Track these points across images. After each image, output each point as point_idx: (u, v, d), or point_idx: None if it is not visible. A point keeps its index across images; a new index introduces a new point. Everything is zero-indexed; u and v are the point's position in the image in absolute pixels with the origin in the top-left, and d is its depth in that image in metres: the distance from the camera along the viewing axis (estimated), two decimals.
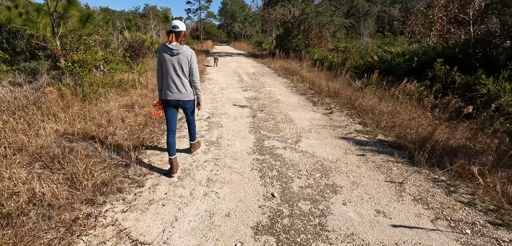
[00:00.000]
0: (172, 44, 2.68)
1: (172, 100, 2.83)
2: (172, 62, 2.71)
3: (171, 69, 2.74)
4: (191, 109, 3.07)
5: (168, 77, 2.77)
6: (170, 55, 2.70)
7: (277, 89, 7.99)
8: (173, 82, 2.77)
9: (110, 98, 5.64)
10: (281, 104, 6.15)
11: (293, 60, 15.33)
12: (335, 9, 17.41)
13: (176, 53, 2.69)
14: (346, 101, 6.39)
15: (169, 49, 2.68)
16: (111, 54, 9.44)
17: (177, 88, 2.79)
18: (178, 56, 2.71)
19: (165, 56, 2.71)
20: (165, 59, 2.71)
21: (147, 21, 19.47)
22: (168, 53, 2.70)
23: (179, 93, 2.81)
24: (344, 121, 5.05)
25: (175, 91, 2.80)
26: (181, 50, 2.70)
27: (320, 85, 8.08)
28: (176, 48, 2.68)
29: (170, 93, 2.80)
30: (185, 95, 2.85)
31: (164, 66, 2.75)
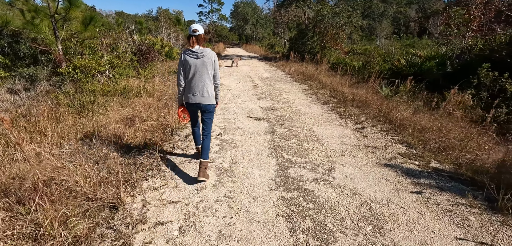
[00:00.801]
0: (195, 48, 2.67)
1: (194, 104, 2.80)
2: (197, 65, 2.69)
3: (196, 72, 2.70)
4: (211, 115, 2.94)
5: (193, 81, 2.73)
6: (195, 58, 2.67)
7: (295, 97, 7.16)
8: (197, 86, 2.73)
9: (110, 109, 4.98)
10: (303, 117, 5.32)
11: (308, 63, 14.46)
12: (352, 9, 16.41)
13: (201, 56, 2.67)
14: (376, 113, 5.49)
15: (194, 52, 2.67)
16: (118, 58, 8.91)
17: (200, 92, 2.75)
18: (203, 59, 2.68)
19: (190, 60, 2.68)
20: (190, 63, 2.68)
21: (158, 24, 19.06)
22: (192, 57, 2.68)
23: (201, 97, 2.76)
24: (381, 139, 4.17)
25: (198, 95, 2.75)
26: (205, 53, 2.68)
27: (343, 92, 7.20)
28: (200, 51, 2.67)
29: (192, 96, 2.77)
30: (207, 99, 2.79)
31: (188, 70, 2.71)
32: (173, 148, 3.68)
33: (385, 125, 4.86)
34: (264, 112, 5.61)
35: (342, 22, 15.74)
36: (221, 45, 37.06)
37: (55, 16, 6.22)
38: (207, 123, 2.93)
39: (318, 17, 16.07)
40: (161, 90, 6.94)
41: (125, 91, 6.28)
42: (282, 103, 6.37)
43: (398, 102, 6.00)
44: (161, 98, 6.06)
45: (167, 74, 9.34)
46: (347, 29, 16.52)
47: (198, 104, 2.79)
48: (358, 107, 6.07)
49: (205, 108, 2.84)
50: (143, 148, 3.52)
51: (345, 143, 4.00)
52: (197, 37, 2.69)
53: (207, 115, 2.90)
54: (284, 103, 6.42)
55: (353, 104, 6.29)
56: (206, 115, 2.90)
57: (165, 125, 4.36)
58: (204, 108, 2.83)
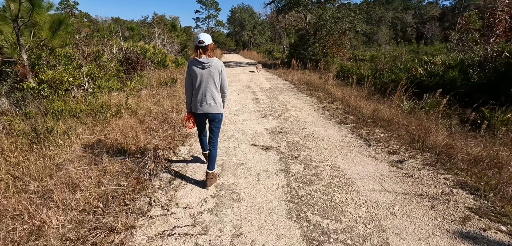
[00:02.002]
0: (202, 58, 2.57)
1: (202, 114, 2.74)
2: (203, 75, 2.61)
3: (202, 83, 2.63)
4: (219, 123, 2.88)
5: (200, 91, 2.66)
6: (201, 68, 2.60)
7: (305, 113, 6.07)
8: (204, 96, 2.66)
9: (75, 138, 3.84)
10: (320, 143, 4.22)
11: (311, 71, 13.45)
12: (355, 14, 15.48)
13: (207, 66, 2.59)
14: (407, 136, 4.44)
15: (200, 63, 2.58)
16: (102, 68, 7.76)
17: (208, 102, 2.68)
18: (209, 69, 2.60)
19: (196, 70, 2.61)
20: (196, 73, 2.61)
21: (151, 30, 17.95)
22: (199, 67, 2.60)
23: (208, 107, 2.70)
24: (432, 181, 3.08)
25: (205, 105, 2.69)
26: (212, 63, 2.60)
27: (359, 108, 6.14)
28: (207, 62, 2.58)
29: (200, 107, 2.70)
30: (214, 108, 2.73)
31: (194, 80, 2.65)
32: (149, 207, 2.55)
33: (426, 154, 3.79)
34: (272, 137, 4.50)
35: (345, 27, 14.80)
36: (218, 51, 36.02)
37: (18, 20, 5.08)
38: (215, 132, 2.89)
39: (319, 22, 15.10)
40: (147, 107, 5.80)
41: (102, 110, 5.14)
42: (291, 123, 5.27)
43: (430, 122, 4.94)
44: (145, 119, 4.92)
45: (157, 86, 8.21)
46: (349, 35, 15.57)
47: (206, 114, 2.74)
48: (383, 128, 5.00)
49: (213, 117, 2.79)
50: (103, 209, 2.39)
51: (388, 189, 2.90)
52: (204, 48, 2.58)
53: (215, 124, 2.86)
54: (293, 122, 5.32)
55: (375, 123, 5.22)
56: (214, 124, 2.86)
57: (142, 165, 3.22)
58: (213, 117, 2.78)
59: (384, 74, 9.16)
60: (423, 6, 47.84)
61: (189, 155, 3.71)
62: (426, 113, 5.75)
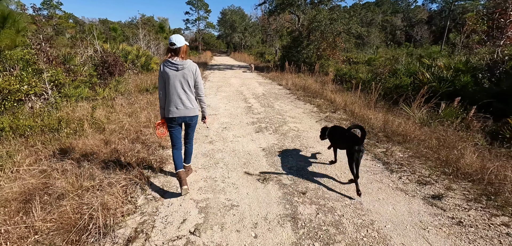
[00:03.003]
0: (175, 60, 2.48)
1: (178, 118, 2.61)
2: (176, 78, 2.50)
3: (176, 85, 2.52)
4: (194, 126, 2.81)
5: (174, 94, 2.54)
6: (175, 70, 2.48)
7: (306, 126, 5.21)
8: (179, 98, 2.56)
9: (12, 165, 2.83)
10: (331, 168, 3.35)
11: (305, 74, 12.66)
12: (349, 16, 14.82)
13: (181, 69, 2.48)
14: (432, 155, 3.64)
15: (173, 64, 2.47)
16: (73, 72, 6.69)
17: (184, 104, 2.58)
18: (183, 72, 2.50)
19: (169, 72, 2.48)
20: (169, 75, 2.48)
21: (136, 31, 16.81)
22: (172, 69, 2.48)
23: (185, 109, 2.59)
24: (490, 232, 2.26)
25: (181, 108, 2.57)
26: (185, 65, 2.50)
27: (366, 118, 5.33)
28: (180, 63, 2.48)
29: (175, 110, 2.57)
30: (191, 110, 2.63)
31: (167, 82, 2.51)
32: None
33: (463, 183, 2.98)
34: (270, 160, 3.60)
35: (340, 29, 14.10)
36: (208, 53, 34.96)
37: None
38: (190, 135, 2.87)
39: (313, 24, 14.35)
40: (119, 120, 4.79)
41: (60, 127, 4.11)
42: (291, 140, 4.39)
43: (452, 136, 4.18)
44: (111, 139, 3.92)
45: (136, 92, 7.17)
46: (344, 37, 14.90)
47: (182, 117, 2.62)
48: (399, 144, 4.19)
49: (190, 120, 2.69)
50: None
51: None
52: (176, 51, 2.48)
53: (191, 129, 2.81)
54: (294, 139, 4.44)
55: (388, 139, 4.41)
56: (190, 129, 2.80)
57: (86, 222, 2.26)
58: (189, 120, 2.69)
59: (386, 79, 8.43)
60: (411, 9, 48.22)
61: (164, 189, 2.76)
62: (442, 125, 5.01)
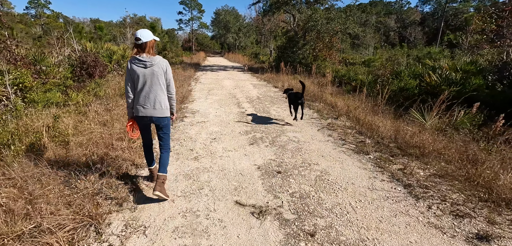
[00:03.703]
0: (143, 56, 2.29)
1: (145, 117, 2.43)
2: (145, 75, 2.32)
3: (145, 83, 2.34)
4: (166, 128, 2.58)
5: (142, 92, 2.36)
6: (143, 68, 2.29)
7: (307, 134, 4.54)
8: (148, 97, 2.38)
9: None
10: (343, 196, 2.68)
11: (301, 76, 12.04)
12: (346, 16, 14.28)
13: (149, 65, 2.29)
14: (460, 174, 3.02)
15: (141, 61, 2.28)
16: (45, 74, 5.92)
17: (151, 104, 2.39)
18: (152, 69, 2.31)
19: (137, 70, 2.30)
20: (137, 73, 2.30)
21: (123, 30, 15.94)
22: (140, 66, 2.29)
23: (152, 109, 2.41)
24: None
25: (149, 107, 2.40)
26: (154, 61, 2.31)
27: (374, 126, 4.71)
28: (149, 60, 2.29)
29: (143, 109, 2.40)
30: (159, 111, 2.44)
31: (136, 80, 2.34)
32: None
33: (509, 215, 2.36)
34: (267, 183, 2.92)
35: (337, 28, 13.54)
36: (202, 54, 34.13)
37: None
38: (164, 139, 2.60)
39: (309, 23, 13.76)
40: (90, 131, 4.05)
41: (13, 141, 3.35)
42: (291, 154, 3.72)
43: (476, 147, 3.59)
44: (70, 159, 3.17)
45: (117, 97, 6.40)
46: (341, 37, 14.35)
47: (149, 117, 2.44)
48: (417, 159, 3.57)
49: (158, 121, 2.49)
50: None
51: None
52: (141, 46, 2.29)
53: (163, 130, 2.58)
54: (295, 152, 3.77)
55: (403, 152, 3.79)
56: (162, 131, 2.58)
57: None
58: (157, 121, 2.49)
59: (389, 81, 7.85)
60: (404, 11, 48.31)
61: None
62: (458, 133, 4.43)
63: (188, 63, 19.00)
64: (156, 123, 2.50)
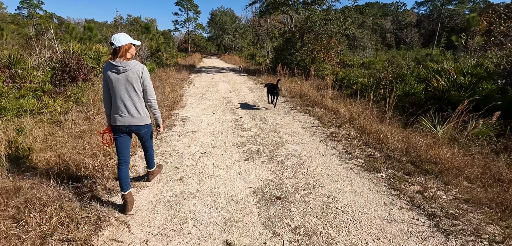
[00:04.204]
0: (117, 61, 2.14)
1: (123, 126, 2.27)
2: (119, 81, 2.18)
3: (119, 89, 2.19)
4: (147, 136, 2.49)
5: (117, 99, 2.22)
6: (116, 73, 2.16)
7: (309, 147, 4.05)
8: (124, 104, 2.23)
9: None
10: (357, 233, 2.20)
11: (300, 78, 11.58)
12: (344, 17, 13.86)
13: (123, 71, 2.15)
14: (485, 198, 2.57)
15: (114, 66, 2.15)
16: (20, 78, 5.38)
17: (128, 111, 2.25)
18: (126, 74, 2.17)
19: (111, 75, 2.17)
20: (111, 78, 2.17)
21: (113, 31, 15.35)
22: (113, 71, 2.16)
23: (130, 117, 2.27)
24: None
25: (126, 115, 2.25)
26: (128, 67, 2.16)
27: (382, 136, 4.24)
28: (122, 65, 2.14)
29: (119, 117, 2.25)
30: (138, 119, 2.30)
31: (111, 87, 2.21)
32: None
33: None
34: (264, 213, 2.42)
35: (335, 29, 13.12)
36: (198, 55, 33.54)
37: None
38: (145, 144, 2.58)
39: (307, 24, 13.31)
40: (61, 145, 3.51)
41: None
42: (292, 172, 3.22)
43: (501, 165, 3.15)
44: (32, 178, 2.63)
45: (101, 102, 5.85)
46: (340, 38, 13.93)
47: (128, 126, 2.29)
48: (435, 178, 3.11)
49: (138, 130, 2.35)
50: None
51: None
52: (115, 51, 2.14)
53: (145, 138, 2.50)
54: (296, 170, 3.28)
55: (418, 169, 3.33)
56: (143, 139, 2.52)
57: None
58: (137, 130, 2.35)
59: (393, 85, 7.41)
60: (400, 13, 48.29)
61: None
62: (475, 144, 3.99)
63: (182, 65, 18.44)
64: (136, 131, 2.37)
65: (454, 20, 40.15)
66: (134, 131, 2.36)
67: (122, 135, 2.34)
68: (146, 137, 2.50)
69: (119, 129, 2.30)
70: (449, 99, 5.79)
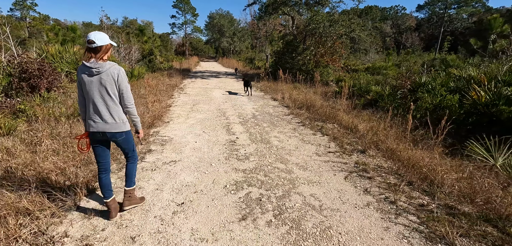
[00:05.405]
0: (90, 62, 1.94)
1: (97, 132, 2.08)
2: (92, 84, 1.98)
3: (92, 93, 2.00)
4: (126, 144, 2.22)
5: (90, 104, 2.03)
6: (88, 75, 1.96)
7: (333, 192, 2.83)
8: (97, 109, 2.03)
9: None
10: None
11: (303, 85, 10.42)
12: (348, 19, 12.75)
13: (96, 73, 1.95)
14: None
15: (87, 68, 1.94)
16: None
17: (102, 117, 2.04)
18: (99, 77, 1.97)
19: (84, 78, 1.97)
20: (84, 81, 1.97)
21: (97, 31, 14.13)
22: (86, 73, 1.96)
23: (104, 123, 2.05)
24: None
25: (99, 121, 2.05)
26: (102, 69, 1.95)
27: (427, 170, 3.05)
28: (96, 67, 1.94)
29: (93, 123, 2.06)
30: (112, 125, 2.07)
31: (84, 90, 2.01)
32: None
33: None
34: None
35: (341, 31, 11.99)
36: (195, 59, 32.35)
37: None
38: (126, 152, 2.30)
39: (310, 26, 12.17)
40: None
41: None
42: (313, 243, 2.02)
43: None
44: None
45: (72, 117, 4.59)
46: (346, 41, 12.81)
47: (101, 132, 2.08)
48: None
49: (113, 137, 2.11)
50: None
51: None
52: (94, 50, 1.94)
53: (123, 146, 2.23)
54: (321, 241, 2.07)
55: (499, 231, 2.12)
56: (122, 147, 2.24)
57: None
58: (112, 137, 2.11)
59: (416, 95, 6.24)
60: (399, 16, 47.49)
61: None
62: None
63: (177, 69, 17.21)
64: (111, 139, 2.12)
65: (454, 24, 39.37)
66: (109, 138, 2.13)
67: (98, 144, 2.17)
68: (125, 145, 2.23)
69: (95, 136, 2.11)
70: (495, 116, 4.62)
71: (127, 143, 2.23)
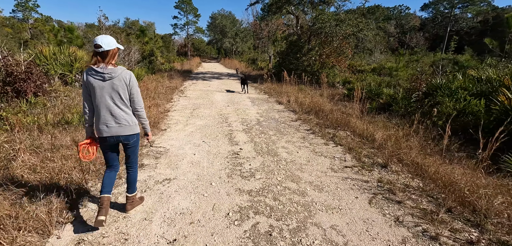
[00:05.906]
0: (101, 67, 1.91)
1: (110, 137, 2.05)
2: (104, 90, 1.95)
3: (105, 98, 1.96)
4: (134, 146, 2.22)
5: (103, 109, 1.98)
6: (101, 80, 1.92)
7: (360, 228, 2.31)
8: (111, 114, 2.00)
9: None
10: None
11: (307, 87, 9.93)
12: (354, 18, 12.22)
13: (108, 78, 1.93)
14: None
15: (98, 73, 1.91)
16: None
17: (117, 120, 2.02)
18: (111, 82, 1.94)
19: (94, 83, 1.92)
20: (95, 86, 1.93)
21: (97, 33, 13.74)
22: (97, 78, 1.92)
23: (118, 127, 2.04)
24: None
25: (114, 125, 2.02)
26: (114, 73, 1.94)
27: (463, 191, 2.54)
28: (108, 72, 1.91)
29: (106, 128, 2.02)
30: (127, 128, 2.07)
31: (93, 95, 1.96)
32: None
33: None
34: None
35: (349, 31, 11.46)
36: (196, 60, 31.92)
37: None
38: (131, 157, 2.26)
39: (316, 25, 11.66)
40: None
41: None
42: None
43: None
44: None
45: (59, 126, 4.13)
46: (353, 41, 12.27)
47: (116, 137, 2.07)
48: None
49: (126, 140, 2.12)
50: None
51: None
52: (102, 54, 1.92)
53: (131, 149, 2.21)
54: None
55: None
56: (130, 149, 2.21)
57: None
58: (126, 140, 2.11)
59: (435, 99, 5.71)
60: (403, 16, 46.76)
61: None
62: None
63: (178, 70, 16.76)
64: (123, 142, 2.12)
65: (460, 24, 38.59)
66: (122, 141, 2.11)
67: (109, 149, 2.13)
68: (134, 149, 2.21)
69: (107, 141, 2.06)
70: None
71: (136, 146, 2.24)
